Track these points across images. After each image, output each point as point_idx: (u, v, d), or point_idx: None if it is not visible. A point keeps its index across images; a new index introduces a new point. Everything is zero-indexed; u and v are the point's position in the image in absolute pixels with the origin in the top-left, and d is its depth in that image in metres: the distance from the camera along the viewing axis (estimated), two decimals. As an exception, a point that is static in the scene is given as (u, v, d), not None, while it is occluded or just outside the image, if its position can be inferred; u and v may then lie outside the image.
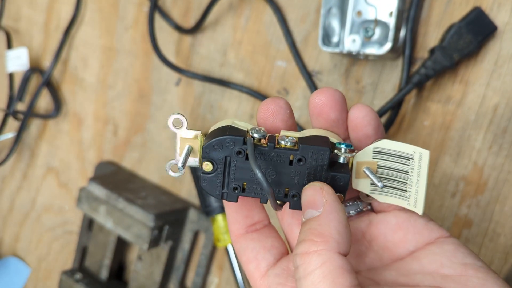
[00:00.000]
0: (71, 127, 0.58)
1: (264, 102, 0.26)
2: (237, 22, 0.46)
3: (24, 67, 0.58)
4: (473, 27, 0.34)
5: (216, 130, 0.25)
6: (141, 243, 0.46)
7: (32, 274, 0.63)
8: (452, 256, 0.23)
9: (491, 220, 0.36)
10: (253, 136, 0.23)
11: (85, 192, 0.50)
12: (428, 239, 0.25)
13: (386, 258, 0.26)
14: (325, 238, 0.21)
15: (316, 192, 0.23)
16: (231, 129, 0.24)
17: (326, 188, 0.23)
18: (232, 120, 0.25)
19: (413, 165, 0.24)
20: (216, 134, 0.24)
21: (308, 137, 0.24)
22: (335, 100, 0.25)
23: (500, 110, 0.35)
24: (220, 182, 0.25)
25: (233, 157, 0.24)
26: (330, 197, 0.22)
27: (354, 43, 0.37)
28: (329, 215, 0.22)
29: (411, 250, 0.25)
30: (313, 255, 0.21)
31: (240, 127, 0.25)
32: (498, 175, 0.35)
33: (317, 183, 0.23)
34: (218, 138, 0.23)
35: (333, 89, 0.26)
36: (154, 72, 0.51)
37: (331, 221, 0.21)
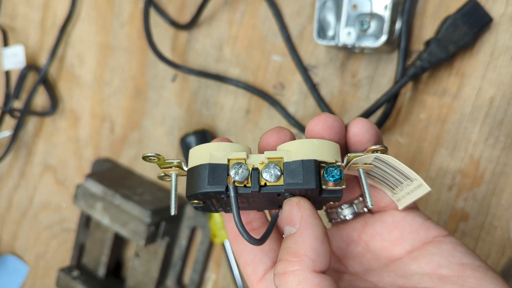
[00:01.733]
0: (68, 125, 0.58)
1: (267, 135, 0.25)
2: (233, 17, 0.46)
3: (21, 64, 0.58)
4: (468, 19, 0.34)
5: (195, 171, 0.23)
6: (138, 239, 0.45)
7: (30, 272, 0.62)
8: (450, 256, 0.23)
9: (487, 213, 0.35)
10: (234, 180, 0.22)
11: (82, 189, 0.50)
12: (425, 238, 0.25)
13: (384, 258, 0.25)
14: (300, 257, 0.21)
15: (292, 208, 0.22)
16: (210, 173, 0.22)
17: (302, 203, 0.22)
18: (211, 151, 0.23)
19: (409, 184, 0.24)
20: (196, 179, 0.23)
21: (293, 166, 0.22)
22: (332, 129, 0.24)
23: (496, 102, 0.35)
24: (213, 206, 0.25)
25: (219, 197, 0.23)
26: (305, 212, 0.22)
27: (350, 36, 0.37)
28: (304, 232, 0.21)
29: (409, 250, 0.25)
30: (289, 275, 0.20)
31: (220, 161, 0.23)
32: (495, 168, 0.35)
33: (294, 198, 0.23)
34: (199, 192, 0.22)
35: (329, 117, 0.24)
36: (150, 68, 0.51)
37: (306, 238, 0.21)
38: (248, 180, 0.23)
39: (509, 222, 0.35)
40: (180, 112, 0.49)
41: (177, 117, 0.50)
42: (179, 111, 0.49)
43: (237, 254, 0.27)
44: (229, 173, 0.23)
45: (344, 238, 0.27)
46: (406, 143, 0.38)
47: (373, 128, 0.24)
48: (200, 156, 0.23)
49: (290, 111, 0.43)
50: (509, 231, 0.35)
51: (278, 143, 0.24)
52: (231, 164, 0.23)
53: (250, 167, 0.23)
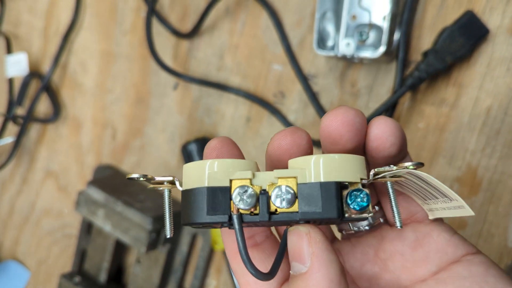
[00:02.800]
0: (70, 131, 0.58)
1: (279, 136, 0.21)
2: (234, 27, 0.46)
3: (24, 72, 0.58)
4: (465, 31, 0.35)
5: (191, 196, 0.20)
6: (139, 246, 0.46)
7: (31, 277, 0.63)
8: (483, 281, 0.20)
9: (485, 221, 0.36)
10: (238, 207, 0.19)
11: (84, 196, 0.50)
12: (453, 258, 0.22)
13: (405, 280, 0.22)
14: None
15: (301, 241, 0.19)
16: (210, 198, 0.19)
17: (313, 234, 0.19)
18: (208, 171, 0.20)
19: (448, 202, 0.21)
20: (192, 207, 0.19)
21: (309, 190, 0.19)
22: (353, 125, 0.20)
23: (493, 112, 0.35)
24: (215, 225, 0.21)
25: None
26: (317, 246, 0.18)
27: (349, 46, 0.37)
28: (317, 273, 0.18)
29: (434, 271, 0.22)
30: None
31: (220, 184, 0.19)
32: (492, 176, 0.35)
33: (303, 228, 0.19)
34: (197, 222, 0.19)
35: (348, 110, 0.20)
36: (152, 76, 0.52)
37: (320, 281, 0.18)
38: (255, 207, 0.19)
39: (507, 230, 0.35)
40: (181, 119, 0.50)
41: (179, 125, 0.50)
42: (180, 118, 0.50)
43: (238, 274, 0.23)
44: (232, 199, 0.19)
45: (359, 256, 0.24)
46: (405, 151, 0.39)
47: (398, 130, 0.20)
48: (196, 176, 0.20)
49: (290, 119, 0.44)
50: (507, 238, 0.35)
51: (292, 147, 0.21)
52: (234, 187, 0.19)
53: (257, 189, 0.19)
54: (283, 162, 0.21)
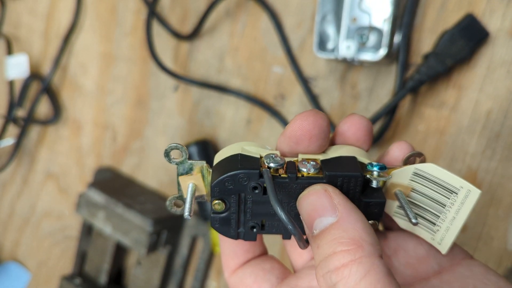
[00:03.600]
0: (71, 133, 0.58)
1: (300, 119, 0.21)
2: (234, 29, 0.46)
3: (24, 73, 0.58)
4: (465, 33, 0.35)
5: (224, 161, 0.21)
6: (140, 248, 0.46)
7: (32, 279, 0.63)
8: (485, 279, 0.21)
9: (485, 224, 0.36)
10: (269, 166, 0.20)
11: (84, 198, 0.50)
12: (453, 258, 0.23)
13: (409, 276, 0.23)
14: (358, 243, 0.18)
15: (320, 197, 0.19)
16: (242, 160, 0.20)
17: (331, 189, 0.20)
18: (241, 146, 0.21)
19: (455, 200, 0.21)
20: (225, 166, 0.21)
21: (333, 160, 0.21)
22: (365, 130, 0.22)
23: (493, 115, 0.35)
24: (235, 221, 0.21)
25: (248, 193, 0.21)
26: (340, 197, 0.19)
27: (349, 49, 0.37)
28: (350, 218, 0.18)
29: (437, 270, 0.23)
30: (353, 265, 0.17)
31: (251, 154, 0.21)
32: (492, 179, 0.35)
33: (318, 186, 0.20)
34: (229, 173, 0.20)
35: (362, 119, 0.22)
36: (152, 78, 0.52)
37: (356, 222, 0.18)
38: (283, 170, 0.20)
39: (506, 232, 0.35)
40: (181, 122, 0.50)
41: (179, 127, 0.50)
42: (180, 121, 0.50)
43: (237, 284, 0.24)
44: (263, 162, 0.20)
45: None
46: (405, 154, 0.39)
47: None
48: (229, 152, 0.21)
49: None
50: (506, 241, 0.35)
51: (314, 128, 0.21)
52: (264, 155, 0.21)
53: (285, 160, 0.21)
54: (302, 144, 0.21)
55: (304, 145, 0.21)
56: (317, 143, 0.21)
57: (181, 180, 0.22)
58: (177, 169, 0.22)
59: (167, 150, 0.21)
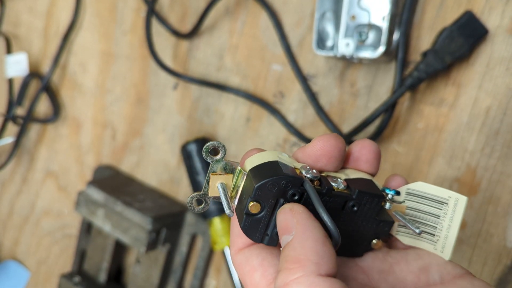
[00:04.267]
0: (70, 132, 0.58)
1: (322, 140, 0.23)
2: (233, 27, 0.46)
3: (24, 72, 0.58)
4: (464, 31, 0.35)
5: (262, 166, 0.22)
6: (139, 246, 0.46)
7: (31, 277, 0.63)
8: None
9: (484, 221, 0.36)
10: (306, 177, 0.22)
11: (84, 196, 0.50)
12: (454, 273, 0.23)
13: (410, 283, 0.24)
14: (301, 262, 0.19)
15: (286, 215, 0.21)
16: (283, 167, 0.22)
17: (295, 208, 0.21)
18: (277, 154, 0.22)
19: (447, 210, 0.23)
20: (266, 171, 0.21)
21: (355, 180, 0.23)
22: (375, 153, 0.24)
23: (492, 112, 0.35)
24: (264, 225, 0.22)
25: (287, 199, 0.22)
26: (300, 216, 0.20)
27: (348, 47, 0.37)
28: (302, 236, 0.19)
29: (438, 281, 0.23)
30: (293, 284, 0.18)
31: (288, 164, 0.22)
32: (491, 176, 0.35)
33: (287, 205, 0.21)
34: (274, 177, 0.21)
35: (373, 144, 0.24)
36: (152, 77, 0.52)
37: (305, 241, 0.19)
38: (318, 182, 0.22)
39: (506, 230, 0.35)
40: (181, 120, 0.50)
41: (178, 125, 0.50)
42: (180, 119, 0.50)
43: (242, 263, 0.24)
44: (301, 172, 0.22)
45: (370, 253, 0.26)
46: (404, 151, 0.39)
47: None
48: (265, 158, 0.22)
49: (290, 119, 0.44)
50: (506, 239, 0.35)
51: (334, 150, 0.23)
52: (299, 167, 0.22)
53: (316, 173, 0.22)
54: (321, 162, 0.23)
55: (322, 164, 0.23)
56: (335, 164, 0.23)
57: (212, 178, 0.22)
58: (211, 166, 0.22)
59: (208, 147, 0.22)
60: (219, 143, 0.22)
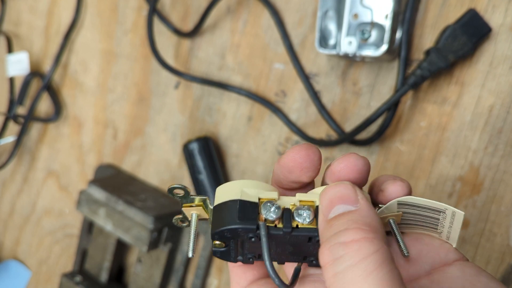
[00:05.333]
0: (71, 131, 0.58)
1: (293, 152, 0.23)
2: (235, 26, 0.46)
3: (25, 71, 0.58)
4: (467, 29, 0.35)
5: (224, 206, 0.22)
6: (141, 245, 0.46)
7: (32, 277, 0.63)
8: (476, 280, 0.21)
9: (487, 220, 0.36)
10: (266, 218, 0.22)
11: (85, 195, 0.50)
12: (445, 260, 0.23)
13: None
14: (373, 227, 0.19)
15: (349, 189, 0.21)
16: (241, 209, 0.22)
17: (357, 187, 0.21)
18: (241, 188, 0.22)
19: (444, 217, 0.23)
20: (225, 214, 0.22)
21: None
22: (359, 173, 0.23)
23: (495, 110, 0.35)
24: (234, 253, 0.24)
25: (245, 240, 0.22)
26: (364, 195, 0.21)
27: (351, 45, 0.37)
28: (370, 211, 0.20)
29: (428, 270, 0.23)
30: (365, 241, 0.18)
31: (251, 199, 0.22)
32: (494, 175, 0.35)
33: (347, 182, 0.22)
34: (228, 227, 0.21)
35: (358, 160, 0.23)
36: (153, 76, 0.52)
37: (374, 216, 0.20)
38: (279, 221, 0.22)
39: (509, 229, 0.35)
40: (182, 119, 0.50)
41: (180, 124, 0.50)
42: (182, 118, 0.50)
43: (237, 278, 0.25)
44: (260, 212, 0.22)
45: None
46: (407, 150, 0.39)
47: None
48: (229, 192, 0.23)
49: (292, 118, 0.43)
50: (509, 238, 0.35)
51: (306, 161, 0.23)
52: (262, 202, 0.22)
53: (282, 207, 0.22)
54: (294, 173, 0.23)
55: (296, 175, 0.23)
56: (307, 174, 0.23)
57: (185, 210, 0.24)
58: (181, 202, 0.24)
59: (170, 189, 0.23)
60: (180, 185, 0.23)
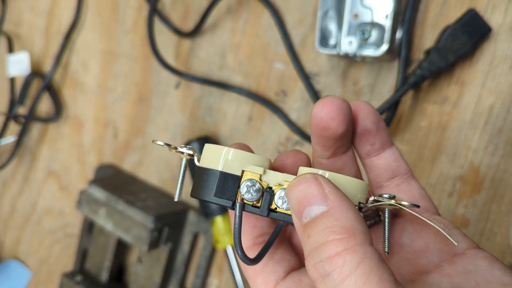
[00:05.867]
0: (72, 131, 0.58)
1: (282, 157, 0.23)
2: (236, 26, 0.46)
3: (25, 71, 0.58)
4: (468, 29, 0.35)
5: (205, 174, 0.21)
6: (141, 245, 0.46)
7: (33, 277, 0.63)
8: (489, 275, 0.20)
9: (487, 220, 0.36)
10: (243, 197, 0.21)
11: (85, 195, 0.50)
12: (456, 250, 0.22)
13: (407, 271, 0.22)
14: (351, 232, 0.17)
15: (312, 185, 0.19)
16: (221, 182, 0.21)
17: (321, 178, 0.19)
18: (227, 157, 0.21)
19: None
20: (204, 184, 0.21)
21: None
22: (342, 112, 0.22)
23: (496, 110, 0.35)
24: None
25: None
26: (331, 187, 0.19)
27: (351, 45, 0.37)
28: (342, 206, 0.18)
29: (437, 263, 0.22)
30: (347, 254, 0.17)
31: (233, 172, 0.21)
32: (494, 175, 0.35)
33: (308, 174, 0.19)
34: (205, 200, 0.21)
35: (337, 99, 0.22)
36: (154, 76, 0.52)
37: (347, 211, 0.18)
38: (258, 201, 0.21)
39: (509, 228, 0.35)
40: (183, 119, 0.50)
41: (180, 124, 0.50)
42: (182, 118, 0.50)
43: (246, 267, 0.24)
44: (239, 189, 0.21)
45: None
46: (407, 150, 0.39)
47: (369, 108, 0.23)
48: (214, 158, 0.21)
49: (292, 118, 0.43)
50: (509, 237, 0.35)
51: (293, 168, 0.23)
52: (244, 178, 0.21)
53: (265, 185, 0.21)
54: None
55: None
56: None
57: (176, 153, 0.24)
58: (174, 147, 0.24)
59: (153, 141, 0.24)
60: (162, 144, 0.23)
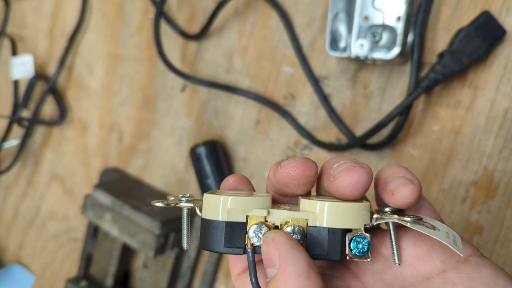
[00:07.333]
0: (76, 134, 0.58)
1: (290, 168, 0.22)
2: (243, 28, 0.46)
3: (29, 74, 0.58)
4: (482, 31, 0.34)
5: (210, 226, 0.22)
6: (147, 251, 0.45)
7: (36, 282, 0.62)
8: (492, 283, 0.20)
9: (502, 226, 0.35)
10: (252, 242, 0.21)
11: (90, 199, 0.49)
12: (459, 256, 0.22)
13: (409, 275, 0.22)
14: None
15: (268, 247, 0.20)
16: (228, 232, 0.21)
17: (278, 238, 0.20)
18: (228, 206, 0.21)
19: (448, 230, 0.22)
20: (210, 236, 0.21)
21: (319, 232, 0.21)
22: (362, 188, 0.21)
23: (510, 114, 0.34)
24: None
25: None
26: (283, 247, 0.20)
27: (362, 48, 0.37)
28: (285, 271, 0.19)
29: (440, 268, 0.22)
30: None
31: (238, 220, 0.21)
32: (509, 180, 0.35)
33: (269, 234, 0.21)
34: (215, 251, 0.21)
35: (360, 172, 0.21)
36: (160, 79, 0.51)
37: (289, 277, 0.19)
38: None
39: (524, 235, 0.34)
40: (189, 122, 0.49)
41: (186, 128, 0.50)
42: (188, 121, 0.49)
43: (242, 285, 0.25)
44: (248, 235, 0.21)
45: None
46: (419, 155, 0.38)
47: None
48: (215, 208, 0.22)
49: (301, 122, 0.43)
50: (524, 244, 0.34)
51: (302, 178, 0.22)
52: (250, 224, 0.21)
53: (271, 226, 0.21)
54: (289, 188, 0.23)
55: (291, 190, 0.23)
56: (303, 189, 0.23)
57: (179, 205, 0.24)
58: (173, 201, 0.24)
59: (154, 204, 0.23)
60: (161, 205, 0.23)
